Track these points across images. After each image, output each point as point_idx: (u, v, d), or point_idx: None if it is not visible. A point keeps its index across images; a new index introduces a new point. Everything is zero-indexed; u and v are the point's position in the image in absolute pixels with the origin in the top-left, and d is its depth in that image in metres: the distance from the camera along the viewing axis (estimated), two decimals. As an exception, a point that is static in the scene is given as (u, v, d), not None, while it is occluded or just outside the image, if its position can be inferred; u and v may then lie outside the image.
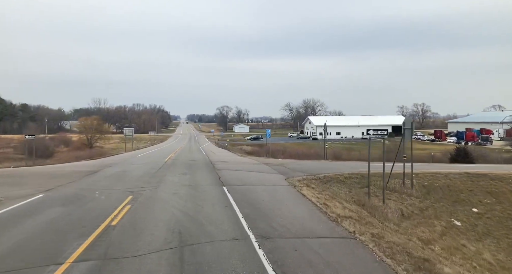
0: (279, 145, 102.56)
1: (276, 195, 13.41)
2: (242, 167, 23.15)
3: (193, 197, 12.85)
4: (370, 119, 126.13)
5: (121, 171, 20.94)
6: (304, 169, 21.89)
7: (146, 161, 29.06)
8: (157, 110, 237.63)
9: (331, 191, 15.76)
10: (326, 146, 35.56)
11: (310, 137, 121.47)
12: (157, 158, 32.50)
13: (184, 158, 31.50)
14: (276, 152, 79.61)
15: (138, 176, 18.73)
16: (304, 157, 58.56)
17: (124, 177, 18.45)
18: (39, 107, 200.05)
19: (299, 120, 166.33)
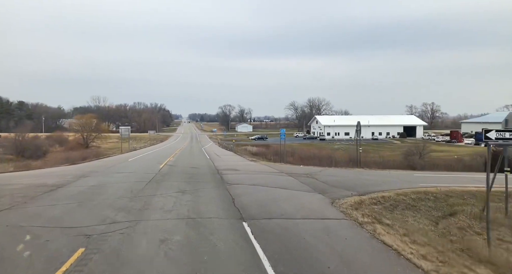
0: (286, 146, 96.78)
1: (342, 248, 7.55)
2: (260, 180, 17.35)
3: (195, 253, 7.05)
4: (380, 119, 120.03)
5: (96, 186, 15.06)
6: (345, 184, 16.01)
7: (136, 168, 23.32)
8: (158, 109, 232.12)
9: (411, 227, 9.97)
10: (360, 150, 29.51)
11: (318, 137, 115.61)
12: (151, 163, 26.80)
13: (184, 164, 25.78)
14: (281, 153, 73.79)
15: (115, 196, 12.86)
16: (322, 161, 52.78)
17: (94, 198, 12.60)
18: (37, 105, 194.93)
19: (304, 119, 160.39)
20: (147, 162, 28.41)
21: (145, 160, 30.25)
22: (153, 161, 29.07)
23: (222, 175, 19.03)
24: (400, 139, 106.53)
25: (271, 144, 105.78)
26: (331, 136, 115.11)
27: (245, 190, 14.06)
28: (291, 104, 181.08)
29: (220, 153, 44.36)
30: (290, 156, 71.91)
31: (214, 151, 47.82)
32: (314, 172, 20.65)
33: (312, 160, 60.36)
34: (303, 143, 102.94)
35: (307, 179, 17.33)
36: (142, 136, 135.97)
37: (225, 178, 17.53)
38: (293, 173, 19.98)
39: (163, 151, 47.99)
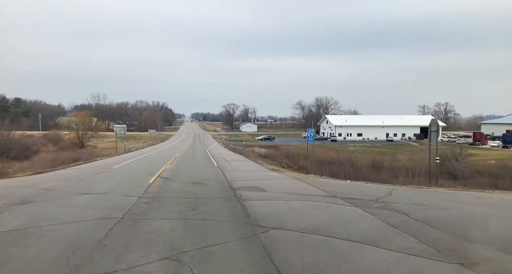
0: (297, 148, 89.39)
1: None
2: (314, 216, 9.75)
3: None
4: (395, 119, 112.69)
5: (13, 236, 7.91)
6: (475, 231, 8.87)
7: (115, 183, 16.09)
8: (160, 107, 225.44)
9: None
10: (436, 161, 21.98)
11: (328, 138, 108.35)
12: (139, 174, 19.55)
13: (184, 177, 18.48)
14: (296, 156, 66.74)
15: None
16: (352, 169, 45.64)
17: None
18: (36, 102, 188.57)
19: (312, 119, 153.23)
20: (135, 172, 21.28)
21: (134, 168, 23.17)
22: (143, 170, 21.96)
23: (243, 200, 11.78)
24: (417, 141, 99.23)
25: (279, 145, 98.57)
26: (343, 137, 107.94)
27: (302, 251, 6.91)
28: (298, 103, 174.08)
29: (229, 157, 37.26)
30: (303, 160, 64.92)
31: (220, 154, 40.73)
32: (382, 195, 13.38)
33: (335, 166, 53.41)
34: (314, 144, 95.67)
35: (390, 215, 10.14)
36: (142, 135, 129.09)
37: (251, 211, 10.23)
38: (351, 198, 12.74)
39: (161, 154, 40.94)
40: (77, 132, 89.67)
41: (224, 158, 34.76)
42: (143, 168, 23.09)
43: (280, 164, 54.91)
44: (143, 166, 24.73)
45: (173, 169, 21.84)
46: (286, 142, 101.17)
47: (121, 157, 36.14)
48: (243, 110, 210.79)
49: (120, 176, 18.75)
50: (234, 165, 27.04)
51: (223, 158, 34.70)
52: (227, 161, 30.87)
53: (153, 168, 22.71)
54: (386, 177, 44.78)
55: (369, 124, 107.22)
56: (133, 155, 40.88)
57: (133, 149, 57.19)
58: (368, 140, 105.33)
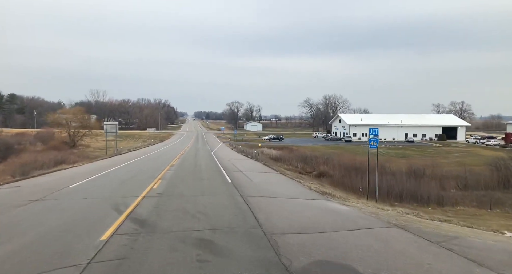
0: (311, 149, 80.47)
1: None
2: None
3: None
4: (414, 118, 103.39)
5: None
6: None
7: (61, 222, 7.49)
8: (162, 105, 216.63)
9: None
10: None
11: (342, 139, 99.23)
12: (93, 210, 10.31)
13: (178, 218, 9.19)
14: (314, 160, 57.75)
15: None
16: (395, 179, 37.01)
17: None
18: (33, 99, 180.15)
19: (323, 118, 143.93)
20: (108, 190, 12.57)
21: (96, 192, 14.07)
22: (110, 196, 12.92)
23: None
24: (440, 142, 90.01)
25: (290, 145, 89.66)
26: (358, 137, 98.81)
27: None
28: (306, 101, 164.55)
29: (243, 165, 28.23)
30: (322, 164, 56.10)
31: (231, 160, 31.85)
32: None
33: (371, 175, 44.83)
34: (328, 145, 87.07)
35: None
36: (141, 134, 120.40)
37: None
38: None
39: (156, 159, 32.15)
40: (68, 130, 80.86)
41: (236, 167, 25.84)
42: (113, 190, 14.10)
43: (296, 169, 46.17)
44: (115, 185, 15.74)
45: (162, 195, 12.87)
46: (297, 143, 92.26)
47: (101, 164, 27.35)
48: (248, 108, 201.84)
49: (80, 205, 9.88)
50: (257, 181, 18.05)
51: (235, 166, 25.78)
52: (242, 172, 21.95)
53: (130, 190, 13.79)
54: (432, 189, 35.85)
55: (386, 124, 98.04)
56: (119, 160, 32.16)
57: (125, 150, 48.45)
58: (385, 140, 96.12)
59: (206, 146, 61.08)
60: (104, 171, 21.36)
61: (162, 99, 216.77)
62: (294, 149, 79.80)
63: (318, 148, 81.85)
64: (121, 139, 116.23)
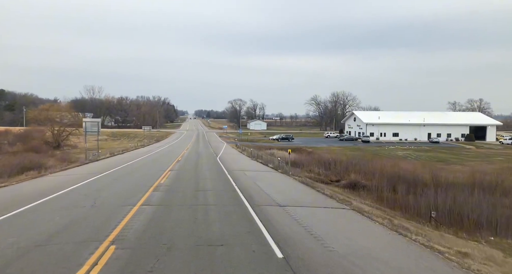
0: (328, 151, 70.15)
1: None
2: None
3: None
4: (438, 116, 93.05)
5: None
6: None
7: None
8: (161, 103, 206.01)
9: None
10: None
11: (359, 139, 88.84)
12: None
13: None
14: (337, 165, 47.31)
15: None
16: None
17: None
18: (25, 95, 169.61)
19: (334, 116, 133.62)
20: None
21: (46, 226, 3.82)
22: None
23: None
24: (468, 143, 79.65)
25: (302, 146, 79.21)
26: (375, 137, 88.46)
27: None
28: (313, 99, 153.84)
29: (272, 186, 17.66)
30: (353, 172, 45.04)
31: (247, 173, 21.43)
32: None
33: (414, 187, 34.45)
34: (344, 146, 76.79)
35: None
36: (137, 133, 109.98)
37: None
38: None
39: (135, 172, 21.75)
40: (52, 129, 70.44)
41: (264, 190, 15.42)
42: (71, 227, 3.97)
43: (319, 176, 35.92)
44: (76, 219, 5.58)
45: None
46: (309, 143, 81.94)
47: (56, 182, 16.98)
48: (251, 107, 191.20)
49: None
50: (341, 251, 7.62)
51: (262, 190, 15.36)
52: (283, 208, 11.54)
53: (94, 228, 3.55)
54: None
55: (407, 123, 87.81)
56: (91, 169, 21.86)
57: (107, 154, 38.04)
58: (406, 141, 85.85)
59: (209, 149, 50.70)
60: (67, 188, 11.09)
61: (161, 97, 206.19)
62: (309, 151, 69.54)
63: (334, 150, 71.58)
64: (115, 138, 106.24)
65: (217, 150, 46.72)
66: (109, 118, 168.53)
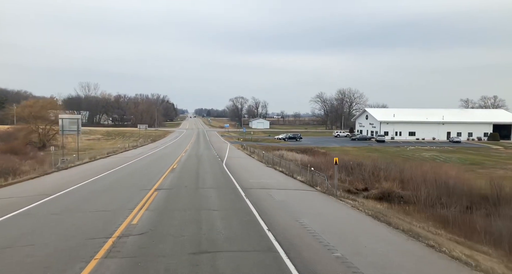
0: (343, 152, 62.88)
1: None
2: None
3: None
4: (458, 114, 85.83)
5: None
6: None
7: None
8: (160, 101, 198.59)
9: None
10: None
11: (372, 138, 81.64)
12: None
13: None
14: (362, 169, 40.60)
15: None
16: None
17: None
18: (19, 92, 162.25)
19: (342, 115, 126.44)
20: None
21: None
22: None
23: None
24: (493, 143, 72.39)
25: (312, 147, 71.93)
26: (390, 136, 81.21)
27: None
28: (318, 96, 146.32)
29: (314, 211, 10.61)
30: (384, 179, 37.97)
31: (267, 188, 14.09)
32: None
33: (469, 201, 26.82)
34: (359, 147, 69.45)
35: None
36: (134, 132, 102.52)
37: None
38: None
39: (114, 185, 14.52)
40: (36, 127, 63.06)
41: (310, 231, 8.30)
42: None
43: (342, 184, 28.89)
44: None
45: None
46: (318, 143, 74.63)
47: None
48: (253, 105, 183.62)
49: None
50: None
51: (307, 231, 8.24)
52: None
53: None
54: None
55: (424, 121, 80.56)
56: (41, 188, 14.61)
57: (86, 159, 30.65)
58: (424, 140, 78.63)
59: (211, 151, 43.39)
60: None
61: (160, 94, 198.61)
62: (322, 152, 62.27)
63: (349, 151, 64.39)
64: (109, 138, 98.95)
65: (221, 153, 39.44)
66: (106, 116, 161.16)
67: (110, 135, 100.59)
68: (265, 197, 13.14)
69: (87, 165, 26.21)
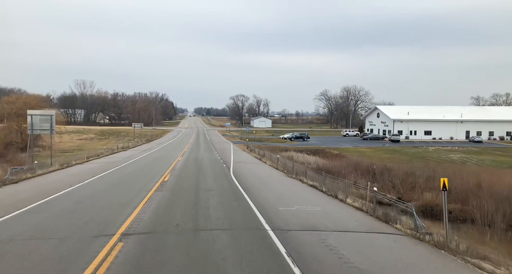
0: (354, 152, 56.50)
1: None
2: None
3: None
4: (476, 112, 79.59)
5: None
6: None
7: None
8: (159, 99, 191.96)
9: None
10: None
11: (385, 138, 75.29)
12: None
13: None
14: (392, 176, 34.18)
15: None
16: None
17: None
18: (12, 90, 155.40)
19: (350, 113, 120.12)
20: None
21: None
22: None
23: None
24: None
25: (323, 147, 65.40)
26: (404, 135, 74.85)
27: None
28: (323, 94, 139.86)
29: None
30: (418, 188, 31.57)
31: (315, 229, 7.81)
32: None
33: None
34: (374, 147, 62.85)
35: None
36: (130, 131, 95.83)
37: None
38: None
39: (69, 218, 7.98)
40: (18, 126, 56.36)
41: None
42: None
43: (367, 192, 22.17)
44: None
45: None
46: (328, 143, 68.16)
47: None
48: (254, 103, 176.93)
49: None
50: None
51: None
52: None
53: None
54: None
55: (441, 119, 74.26)
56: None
57: (56, 166, 24.08)
58: (440, 140, 72.31)
59: (213, 153, 36.89)
60: None
61: (159, 93, 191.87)
62: (335, 153, 55.81)
63: (363, 152, 58.00)
64: (102, 137, 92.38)
65: (225, 156, 32.96)
66: (102, 115, 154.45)
67: (104, 134, 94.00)
68: (327, 260, 6.68)
69: (51, 175, 19.65)
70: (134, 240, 7.73)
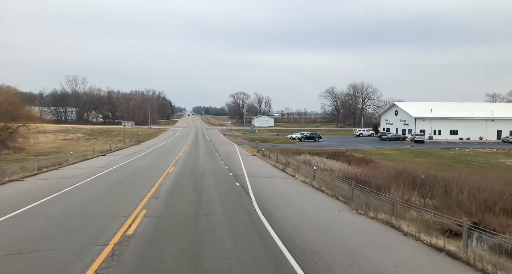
0: (378, 155, 47.67)
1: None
2: None
3: None
4: (507, 109, 71.07)
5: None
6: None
7: None
8: (156, 97, 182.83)
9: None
10: None
11: (406, 138, 66.61)
12: None
13: None
14: (458, 194, 24.26)
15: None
16: None
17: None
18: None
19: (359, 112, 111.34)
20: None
21: None
22: None
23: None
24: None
25: (340, 149, 56.69)
26: (427, 135, 66.20)
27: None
28: (329, 91, 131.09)
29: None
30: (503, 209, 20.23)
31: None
32: None
33: None
34: (399, 149, 54.00)
35: None
36: (121, 130, 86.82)
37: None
38: None
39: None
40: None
41: None
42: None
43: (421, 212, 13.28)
44: None
45: None
46: (343, 144, 59.38)
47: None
48: (255, 101, 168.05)
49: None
50: None
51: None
52: None
53: None
54: None
55: (468, 117, 65.79)
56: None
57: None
58: (468, 140, 63.81)
59: (216, 160, 27.85)
60: None
61: (156, 90, 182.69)
62: (359, 157, 47.00)
63: (389, 155, 49.26)
64: (91, 137, 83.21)
65: (233, 164, 24.06)
66: (94, 113, 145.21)
67: (93, 134, 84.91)
68: None
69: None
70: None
